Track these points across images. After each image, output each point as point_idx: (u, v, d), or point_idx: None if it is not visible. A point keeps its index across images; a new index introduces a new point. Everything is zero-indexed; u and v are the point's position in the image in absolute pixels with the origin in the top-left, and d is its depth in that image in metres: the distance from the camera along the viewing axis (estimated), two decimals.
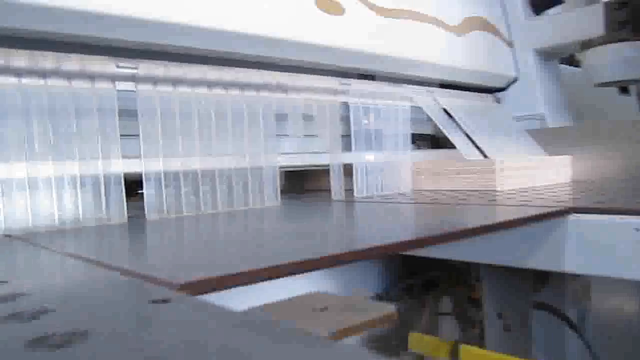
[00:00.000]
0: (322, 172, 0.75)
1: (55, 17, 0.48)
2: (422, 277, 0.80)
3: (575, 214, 0.45)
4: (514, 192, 0.69)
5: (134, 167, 0.54)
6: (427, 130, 1.00)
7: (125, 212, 0.53)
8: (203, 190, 0.59)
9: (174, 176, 0.57)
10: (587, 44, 0.94)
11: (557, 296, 0.74)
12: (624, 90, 1.23)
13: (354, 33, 0.72)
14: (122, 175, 0.53)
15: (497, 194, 0.67)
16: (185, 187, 0.57)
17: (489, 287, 0.60)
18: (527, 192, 0.68)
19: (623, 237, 0.42)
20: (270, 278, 0.23)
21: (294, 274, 0.25)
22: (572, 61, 1.25)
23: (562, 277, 0.67)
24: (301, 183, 1.00)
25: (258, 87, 0.64)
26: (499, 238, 0.47)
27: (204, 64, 0.60)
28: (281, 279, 0.24)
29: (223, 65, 0.62)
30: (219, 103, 0.61)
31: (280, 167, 0.67)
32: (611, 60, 0.90)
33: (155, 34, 0.56)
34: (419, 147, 1.03)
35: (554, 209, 0.44)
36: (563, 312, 0.74)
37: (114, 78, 0.53)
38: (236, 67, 0.63)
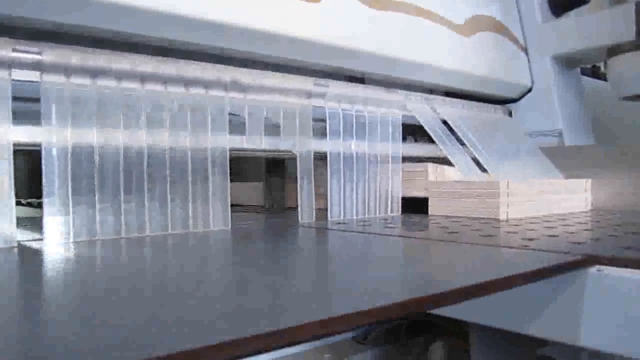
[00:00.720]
0: None
1: None
2: (408, 318, 0.67)
3: (598, 266, 0.32)
4: (519, 222, 0.56)
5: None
6: None
7: (14, 234, 0.41)
8: (125, 208, 0.47)
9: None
10: (613, 51, 0.81)
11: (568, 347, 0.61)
12: None
13: (331, 25, 0.60)
14: (12, 186, 0.41)
15: (499, 224, 0.55)
16: (101, 203, 0.46)
17: (478, 344, 0.47)
18: (536, 223, 0.55)
19: None
20: None
21: None
22: (595, 73, 1.11)
23: None
24: (283, 200, 0.89)
25: (207, 84, 0.53)
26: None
27: (135, 52, 0.49)
28: None
29: (163, 56, 0.51)
30: (154, 101, 0.49)
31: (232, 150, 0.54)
32: None
33: (69, 12, 0.44)
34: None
35: (568, 259, 0.32)
36: None
37: (10, 64, 0.42)
38: (180, 58, 0.51)
